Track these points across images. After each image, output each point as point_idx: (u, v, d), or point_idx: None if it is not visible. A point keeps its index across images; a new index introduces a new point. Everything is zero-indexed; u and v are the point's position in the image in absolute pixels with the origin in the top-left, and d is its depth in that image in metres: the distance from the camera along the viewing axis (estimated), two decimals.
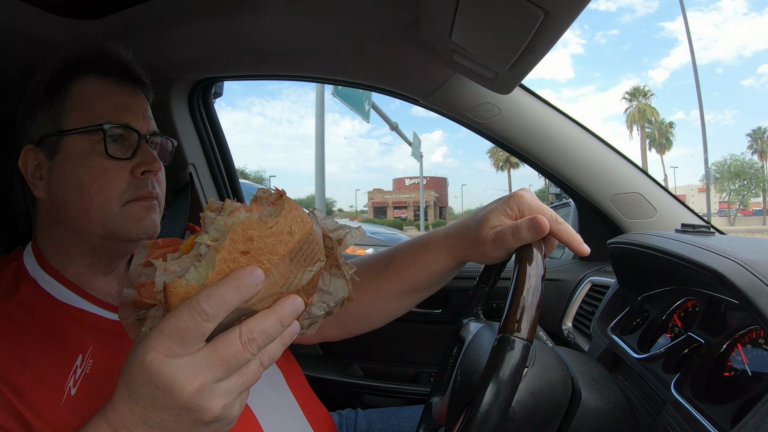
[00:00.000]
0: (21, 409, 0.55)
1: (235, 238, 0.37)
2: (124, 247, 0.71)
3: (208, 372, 0.38)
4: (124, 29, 0.99)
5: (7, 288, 0.64)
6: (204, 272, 0.37)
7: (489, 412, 0.46)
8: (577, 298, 1.20)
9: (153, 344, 0.37)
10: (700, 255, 0.63)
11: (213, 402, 0.38)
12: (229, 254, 0.37)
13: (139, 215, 0.68)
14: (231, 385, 0.39)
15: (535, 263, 0.55)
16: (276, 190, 0.42)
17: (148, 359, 0.37)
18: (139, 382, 0.38)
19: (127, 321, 0.45)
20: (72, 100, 0.68)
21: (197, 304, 0.36)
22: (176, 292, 0.37)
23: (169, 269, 0.38)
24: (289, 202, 0.40)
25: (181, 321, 0.36)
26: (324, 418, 0.83)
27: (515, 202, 0.66)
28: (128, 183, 0.68)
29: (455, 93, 1.15)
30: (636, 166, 1.19)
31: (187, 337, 0.37)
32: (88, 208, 0.66)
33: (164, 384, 0.37)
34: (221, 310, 0.36)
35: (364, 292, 0.77)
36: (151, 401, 0.39)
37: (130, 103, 0.71)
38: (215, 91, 1.48)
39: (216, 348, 0.38)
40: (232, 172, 1.54)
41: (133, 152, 0.69)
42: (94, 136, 0.67)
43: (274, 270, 0.39)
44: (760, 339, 0.59)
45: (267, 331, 0.39)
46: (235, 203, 0.40)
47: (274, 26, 1.02)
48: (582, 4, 0.63)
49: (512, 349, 0.48)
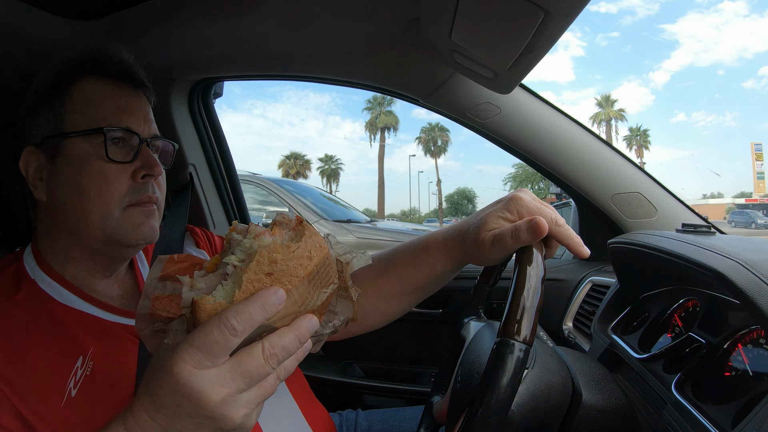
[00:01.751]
0: (22, 410, 0.55)
1: (261, 260, 0.40)
2: (123, 252, 0.71)
3: (232, 383, 0.40)
4: (124, 29, 0.99)
5: (8, 288, 0.64)
6: (231, 290, 0.40)
7: (488, 417, 0.46)
8: (578, 298, 1.20)
9: (182, 356, 0.39)
10: (700, 255, 0.63)
11: (235, 412, 0.41)
12: (254, 275, 0.40)
13: (138, 221, 0.68)
14: (252, 396, 0.42)
15: (536, 264, 0.54)
16: (296, 217, 0.45)
17: (177, 370, 0.39)
18: (165, 391, 0.40)
19: (144, 332, 0.48)
20: (73, 102, 0.68)
21: (226, 320, 0.39)
22: (205, 308, 0.40)
23: (195, 286, 0.42)
24: (309, 228, 0.44)
25: (211, 335, 0.39)
26: (324, 418, 0.83)
27: (514, 205, 0.65)
28: (128, 187, 0.67)
29: (455, 93, 1.14)
30: (636, 165, 1.19)
31: (215, 350, 0.39)
32: (88, 211, 0.65)
33: (191, 394, 0.40)
34: (248, 326, 0.39)
35: (364, 293, 0.77)
36: (176, 410, 0.41)
37: (131, 105, 0.71)
38: (215, 92, 1.48)
39: (240, 361, 0.41)
40: (232, 173, 1.53)
41: (134, 156, 0.68)
42: (95, 139, 0.66)
43: (294, 291, 0.42)
44: (761, 339, 0.59)
45: (287, 347, 0.42)
46: (260, 227, 0.43)
47: (273, 26, 1.02)
48: (582, 4, 0.63)
49: (511, 353, 0.47)
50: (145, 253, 0.82)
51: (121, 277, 0.74)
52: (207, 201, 1.44)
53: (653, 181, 1.19)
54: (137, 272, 0.77)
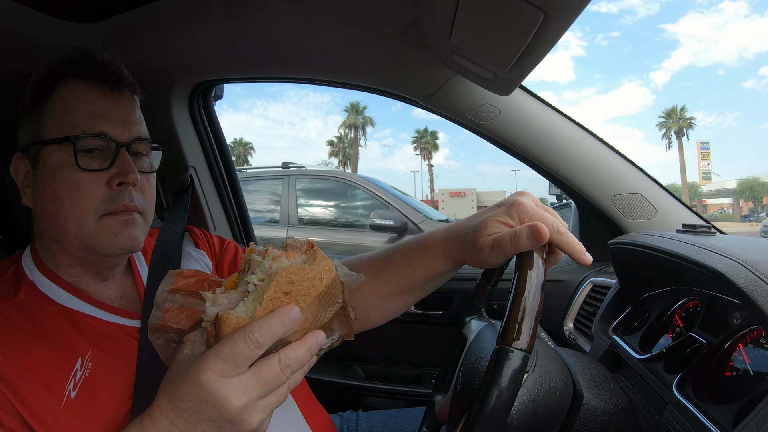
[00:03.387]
0: (22, 411, 0.55)
1: (281, 280, 0.45)
2: (104, 261, 0.69)
3: (253, 391, 0.45)
4: (124, 32, 0.99)
5: (7, 290, 0.64)
6: (252, 307, 0.45)
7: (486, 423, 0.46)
8: (579, 298, 1.20)
9: (209, 365, 0.44)
10: (701, 255, 0.63)
11: (254, 417, 0.46)
12: (274, 293, 0.45)
13: (115, 230, 0.65)
14: (268, 403, 0.47)
15: (536, 269, 0.54)
16: (308, 241, 0.50)
17: (204, 378, 0.44)
18: (189, 397, 0.45)
19: (156, 342, 0.53)
20: (53, 108, 0.66)
21: (251, 333, 0.43)
22: (228, 322, 0.44)
23: (218, 301, 0.46)
24: (320, 252, 0.48)
25: (237, 347, 0.43)
26: (325, 420, 0.83)
27: (516, 210, 0.63)
28: (103, 195, 0.65)
29: (455, 94, 1.15)
30: (636, 166, 1.19)
31: (240, 361, 0.44)
32: (64, 220, 0.64)
33: (215, 400, 0.44)
34: (269, 339, 0.44)
35: (363, 292, 0.77)
36: (198, 414, 0.45)
37: (108, 108, 0.67)
38: (215, 94, 1.49)
39: (260, 371, 0.45)
40: (232, 175, 1.54)
41: (111, 162, 0.65)
42: (67, 147, 0.64)
43: (306, 309, 0.47)
44: (762, 339, 0.59)
45: (299, 358, 0.47)
46: (277, 251, 0.48)
47: (274, 29, 1.02)
48: (581, 5, 0.63)
49: (510, 360, 0.47)
50: (144, 253, 0.81)
51: (119, 279, 0.74)
52: (207, 203, 1.44)
53: (653, 182, 1.19)
54: (135, 273, 0.76)
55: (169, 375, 0.47)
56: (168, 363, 0.52)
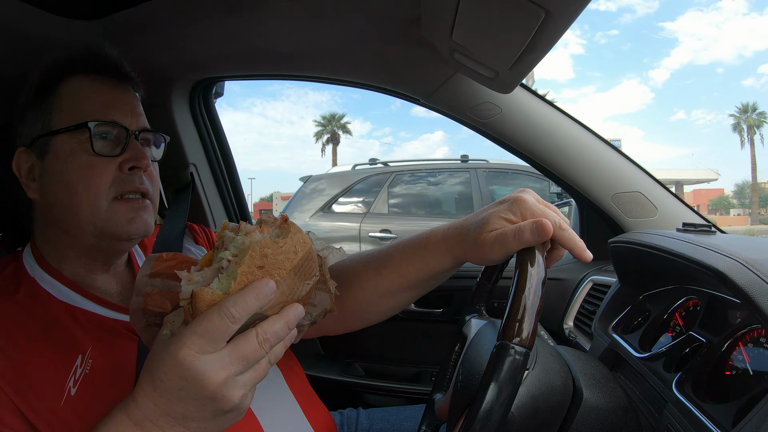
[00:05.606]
0: (22, 409, 0.55)
1: (254, 254, 0.44)
2: (117, 246, 0.71)
3: (231, 366, 0.44)
4: (125, 29, 0.99)
5: (7, 287, 0.65)
6: (227, 282, 0.44)
7: (487, 420, 0.46)
8: (579, 297, 1.20)
9: (185, 342, 0.43)
10: (701, 254, 0.63)
11: (234, 392, 0.45)
12: (248, 268, 0.44)
13: (130, 215, 0.68)
14: (248, 378, 0.46)
15: (537, 265, 0.54)
16: (281, 216, 0.50)
17: (182, 355, 0.43)
18: (169, 376, 0.44)
19: (139, 326, 0.53)
20: (60, 101, 0.68)
21: (226, 308, 0.43)
22: (204, 299, 0.43)
23: (193, 279, 0.45)
24: (293, 225, 0.48)
25: (212, 323, 0.43)
26: (325, 417, 0.84)
27: (518, 207, 0.64)
28: (114, 177, 0.67)
29: (456, 92, 1.14)
30: (637, 165, 1.19)
31: (216, 336, 0.43)
32: (78, 206, 0.66)
33: (194, 377, 0.43)
34: (245, 314, 0.43)
35: (363, 289, 0.77)
36: (178, 393, 0.45)
37: (117, 99, 0.71)
38: (216, 91, 1.48)
39: (238, 346, 0.45)
40: (233, 172, 1.54)
41: (122, 149, 0.68)
42: (82, 134, 0.66)
43: (282, 282, 0.46)
44: (762, 338, 0.59)
45: (277, 332, 0.46)
46: (249, 225, 0.47)
47: (274, 26, 1.02)
48: (583, 4, 0.63)
49: (510, 356, 0.47)
50: (143, 249, 0.82)
51: (120, 272, 0.75)
52: (208, 200, 1.44)
53: (654, 181, 1.19)
54: (135, 268, 0.77)
55: (149, 357, 0.47)
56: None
